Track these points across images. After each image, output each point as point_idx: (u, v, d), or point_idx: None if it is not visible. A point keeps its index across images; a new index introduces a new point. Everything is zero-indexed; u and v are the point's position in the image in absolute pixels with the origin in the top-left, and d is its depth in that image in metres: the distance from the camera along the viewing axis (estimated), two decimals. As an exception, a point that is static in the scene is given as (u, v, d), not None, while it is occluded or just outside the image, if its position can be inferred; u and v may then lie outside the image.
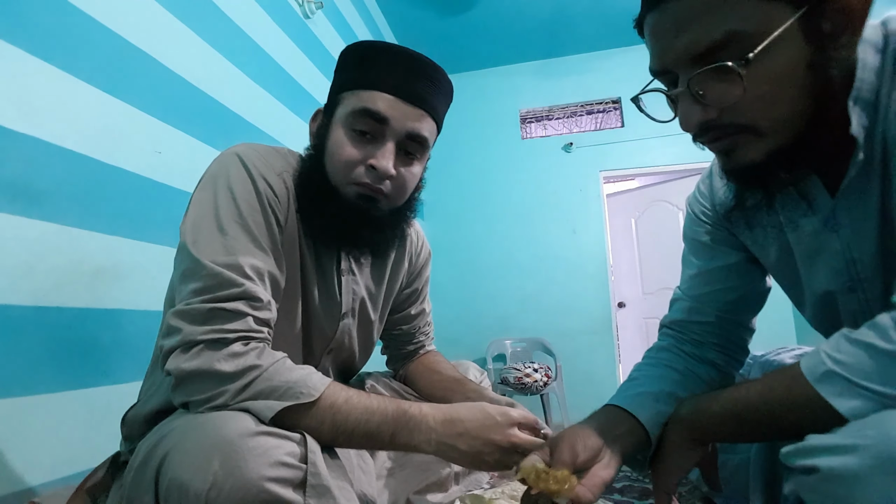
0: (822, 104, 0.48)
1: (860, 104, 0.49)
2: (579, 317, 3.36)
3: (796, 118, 0.49)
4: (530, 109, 3.74)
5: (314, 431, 0.53)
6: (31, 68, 0.92)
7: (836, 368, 0.46)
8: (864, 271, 0.59)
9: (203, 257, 0.57)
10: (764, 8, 0.45)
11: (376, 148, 0.66)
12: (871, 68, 0.49)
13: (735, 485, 0.74)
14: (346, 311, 0.78)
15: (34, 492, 0.84)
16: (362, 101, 0.65)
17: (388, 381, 0.95)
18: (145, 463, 0.49)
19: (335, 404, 0.55)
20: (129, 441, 0.68)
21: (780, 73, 0.47)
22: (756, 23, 0.45)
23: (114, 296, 1.05)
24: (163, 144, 1.23)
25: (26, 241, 0.88)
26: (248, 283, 0.57)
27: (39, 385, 0.89)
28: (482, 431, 0.58)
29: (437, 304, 3.67)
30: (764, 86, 0.47)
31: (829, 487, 0.43)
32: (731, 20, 0.46)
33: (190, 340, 0.53)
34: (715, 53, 0.47)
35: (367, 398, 0.58)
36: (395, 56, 0.67)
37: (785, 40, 0.46)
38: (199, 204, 0.62)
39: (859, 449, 0.41)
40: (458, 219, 3.65)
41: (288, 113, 1.86)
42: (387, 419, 0.57)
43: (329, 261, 0.76)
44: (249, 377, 0.52)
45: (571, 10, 3.14)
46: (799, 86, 0.47)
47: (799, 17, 0.45)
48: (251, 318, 0.56)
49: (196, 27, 1.38)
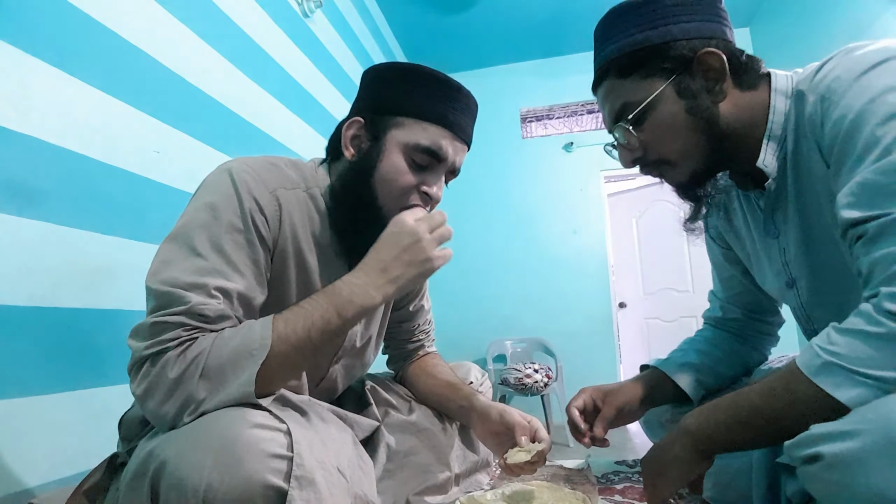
0: (714, 137, 0.65)
1: (773, 140, 0.64)
2: (580, 317, 3.36)
3: (695, 149, 0.66)
4: (531, 108, 3.73)
5: (288, 367, 0.55)
6: (30, 68, 0.91)
7: (831, 359, 0.48)
8: (795, 270, 0.72)
9: (153, 281, 0.56)
10: (643, 83, 0.66)
11: (431, 177, 0.72)
12: (780, 111, 0.64)
13: (737, 489, 0.74)
14: None
15: (32, 493, 0.84)
16: (428, 137, 0.69)
17: (389, 383, 0.95)
18: (142, 466, 0.49)
19: (282, 335, 0.55)
20: (126, 442, 0.67)
21: (664, 122, 0.66)
22: (640, 94, 0.66)
23: (111, 296, 1.05)
24: (161, 144, 1.22)
25: (24, 241, 0.88)
26: (199, 299, 0.55)
27: (37, 386, 0.88)
28: (393, 242, 0.62)
29: (437, 305, 3.65)
30: (655, 132, 0.67)
31: (832, 474, 0.43)
32: (623, 95, 0.68)
33: (137, 359, 0.54)
34: (620, 117, 0.69)
35: (298, 308, 0.59)
36: (450, 89, 0.72)
37: (662, 100, 0.65)
38: (181, 221, 0.62)
39: (861, 434, 0.41)
40: (458, 218, 3.64)
41: (287, 112, 1.86)
42: (325, 308, 0.58)
43: (338, 267, 0.75)
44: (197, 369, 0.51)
45: (571, 9, 3.13)
46: (685, 127, 0.65)
47: (669, 83, 0.64)
48: (190, 328, 0.55)
49: (194, 26, 1.38)
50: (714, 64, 0.63)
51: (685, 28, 0.64)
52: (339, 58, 2.38)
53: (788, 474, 0.51)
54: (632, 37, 0.66)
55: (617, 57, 0.67)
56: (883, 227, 0.48)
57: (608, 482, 0.88)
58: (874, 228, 0.49)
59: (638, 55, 0.65)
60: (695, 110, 0.64)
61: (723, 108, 0.64)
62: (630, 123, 0.67)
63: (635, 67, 0.66)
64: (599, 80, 0.72)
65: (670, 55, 0.64)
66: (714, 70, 0.63)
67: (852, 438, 0.42)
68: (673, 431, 0.63)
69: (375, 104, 0.72)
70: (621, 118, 0.68)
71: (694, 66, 0.63)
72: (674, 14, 0.64)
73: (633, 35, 0.66)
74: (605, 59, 0.70)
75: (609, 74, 0.70)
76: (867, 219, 0.49)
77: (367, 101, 0.73)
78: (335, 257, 0.74)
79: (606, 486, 0.86)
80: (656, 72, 0.65)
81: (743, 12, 3.29)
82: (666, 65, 0.64)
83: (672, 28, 0.64)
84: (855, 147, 0.52)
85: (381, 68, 0.75)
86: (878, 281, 0.48)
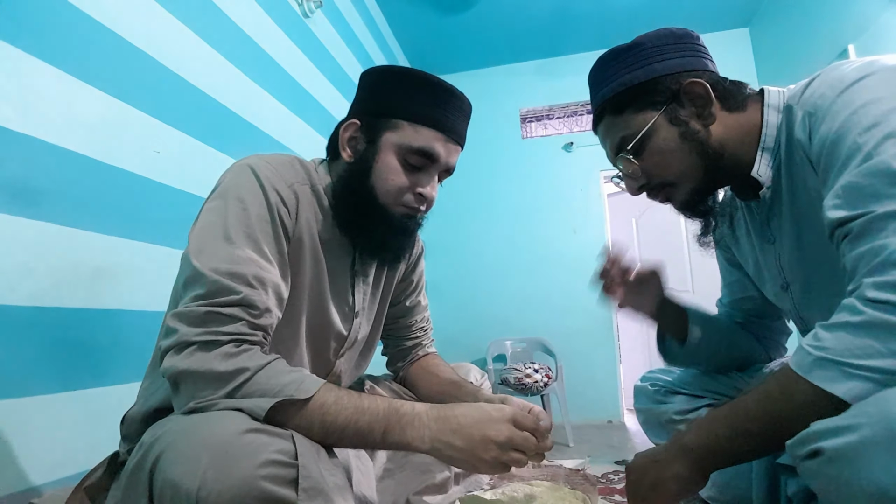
0: (710, 157, 0.71)
1: (766, 151, 0.70)
2: (580, 317, 3.35)
3: (692, 169, 0.73)
4: (530, 109, 3.73)
5: (304, 431, 0.53)
6: (30, 68, 0.91)
7: (822, 354, 0.49)
8: (789, 274, 0.76)
9: (204, 266, 0.57)
10: (636, 117, 0.73)
11: (424, 178, 0.73)
12: (772, 125, 0.69)
13: (736, 488, 0.74)
14: (359, 310, 0.81)
15: (33, 492, 0.84)
16: (420, 139, 0.71)
17: (388, 384, 0.95)
18: (139, 465, 0.49)
19: (325, 404, 0.55)
20: (127, 441, 0.68)
21: (660, 149, 0.73)
22: (635, 126, 0.74)
23: (112, 296, 1.05)
24: (161, 144, 1.23)
25: (24, 242, 0.88)
26: (248, 290, 0.58)
27: (38, 386, 0.88)
28: (478, 427, 0.57)
29: (437, 305, 3.68)
30: (654, 158, 0.74)
31: (833, 469, 0.43)
32: (620, 130, 0.76)
33: (184, 341, 0.54)
34: (620, 150, 0.76)
35: (357, 397, 0.58)
36: (445, 93, 0.73)
37: (656, 130, 0.72)
38: (209, 213, 0.64)
39: (861, 427, 0.42)
40: (458, 218, 3.65)
41: (287, 112, 1.86)
42: (378, 417, 0.57)
43: (344, 264, 0.78)
44: (241, 378, 0.53)
45: (571, 9, 3.13)
46: (681, 151, 0.72)
47: (661, 113, 0.72)
48: (246, 323, 0.57)
49: (194, 26, 1.38)
50: (699, 92, 0.70)
51: (668, 65, 0.72)
52: (338, 58, 2.38)
53: (789, 474, 0.51)
54: (621, 78, 0.74)
55: (610, 97, 0.75)
56: (866, 224, 0.51)
57: (608, 482, 0.88)
58: (858, 226, 0.52)
59: (628, 93, 0.73)
60: (687, 135, 0.71)
61: (714, 129, 0.71)
62: (630, 153, 0.74)
63: (628, 104, 0.74)
64: (598, 119, 0.80)
65: (658, 89, 0.72)
66: (700, 97, 0.71)
67: (852, 432, 0.42)
68: (669, 447, 0.63)
69: (371, 107, 0.75)
70: (621, 150, 0.75)
71: (682, 96, 0.71)
72: (656, 54, 0.72)
73: (622, 76, 0.74)
74: (601, 101, 0.77)
75: (605, 113, 0.77)
76: (851, 218, 0.52)
77: (363, 104, 0.76)
78: (338, 251, 0.77)
79: (606, 486, 0.86)
80: (647, 105, 0.72)
81: (742, 12, 3.29)
82: (656, 98, 0.72)
83: (656, 66, 0.72)
84: (840, 155, 0.56)
85: (376, 71, 0.77)
86: (862, 273, 0.51)
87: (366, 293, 0.83)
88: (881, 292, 0.46)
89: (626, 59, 0.74)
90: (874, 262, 0.49)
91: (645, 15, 3.20)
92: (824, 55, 2.54)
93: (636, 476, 0.66)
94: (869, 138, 0.53)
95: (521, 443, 0.58)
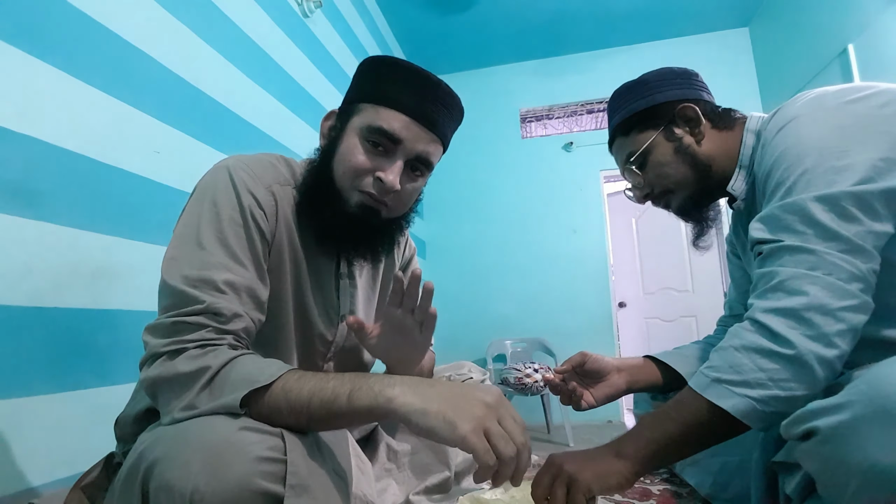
0: (700, 168, 0.84)
1: (742, 169, 0.82)
2: (580, 317, 3.36)
3: (686, 179, 0.86)
4: (530, 108, 3.74)
5: (276, 417, 0.51)
6: (30, 68, 0.91)
7: (712, 375, 0.60)
8: None
9: (173, 277, 0.58)
10: (640, 136, 0.88)
11: (386, 162, 0.69)
12: (748, 146, 0.80)
13: (735, 487, 0.74)
14: (345, 314, 0.78)
15: (33, 492, 0.84)
16: (380, 119, 0.68)
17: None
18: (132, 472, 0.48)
19: (287, 384, 0.52)
20: (121, 442, 0.68)
21: (659, 161, 0.87)
22: (639, 144, 0.88)
23: (112, 296, 1.05)
24: (161, 144, 1.23)
25: (25, 242, 0.88)
26: (214, 297, 0.57)
27: (37, 386, 0.88)
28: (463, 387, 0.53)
29: (437, 305, 3.63)
30: (655, 170, 0.88)
31: (827, 448, 0.44)
32: (627, 147, 0.90)
33: (153, 353, 0.55)
34: (627, 164, 0.90)
35: (324, 374, 0.54)
36: (416, 78, 0.70)
37: (656, 146, 0.87)
38: (184, 217, 0.64)
39: (853, 405, 0.43)
40: (458, 218, 3.65)
41: (287, 112, 1.86)
42: (343, 381, 0.52)
43: (327, 266, 0.77)
44: (206, 376, 0.52)
45: (571, 9, 3.13)
46: (676, 163, 0.86)
47: (659, 132, 0.86)
48: (212, 329, 0.56)
49: (194, 26, 1.38)
50: (690, 115, 0.84)
51: (667, 94, 0.87)
52: (338, 58, 2.38)
53: (786, 472, 0.52)
54: (629, 106, 0.89)
55: (620, 122, 0.90)
56: (773, 251, 0.62)
57: (608, 481, 0.88)
58: (767, 250, 0.63)
59: (633, 118, 0.88)
60: (680, 149, 0.85)
61: (704, 145, 0.84)
62: (634, 165, 0.89)
63: (633, 126, 0.89)
64: (612, 140, 0.95)
65: (658, 114, 0.87)
66: (691, 119, 0.85)
67: (845, 410, 0.43)
68: (604, 452, 0.65)
69: (348, 96, 0.74)
70: (628, 163, 0.90)
71: (677, 118, 0.85)
72: (658, 87, 0.88)
73: (630, 105, 0.89)
74: (614, 125, 0.93)
75: (617, 135, 0.92)
76: (765, 240, 0.63)
77: (346, 94, 0.75)
78: (322, 252, 0.75)
79: (606, 486, 0.86)
80: (649, 126, 0.87)
81: (742, 12, 3.29)
82: (656, 121, 0.87)
83: (657, 96, 0.87)
84: (770, 185, 0.67)
85: (362, 62, 0.75)
86: (756, 294, 0.62)
87: (354, 296, 0.80)
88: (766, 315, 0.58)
89: (633, 92, 0.90)
90: (768, 285, 0.60)
91: (645, 15, 3.20)
92: (824, 55, 2.54)
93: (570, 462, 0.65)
94: (789, 175, 0.63)
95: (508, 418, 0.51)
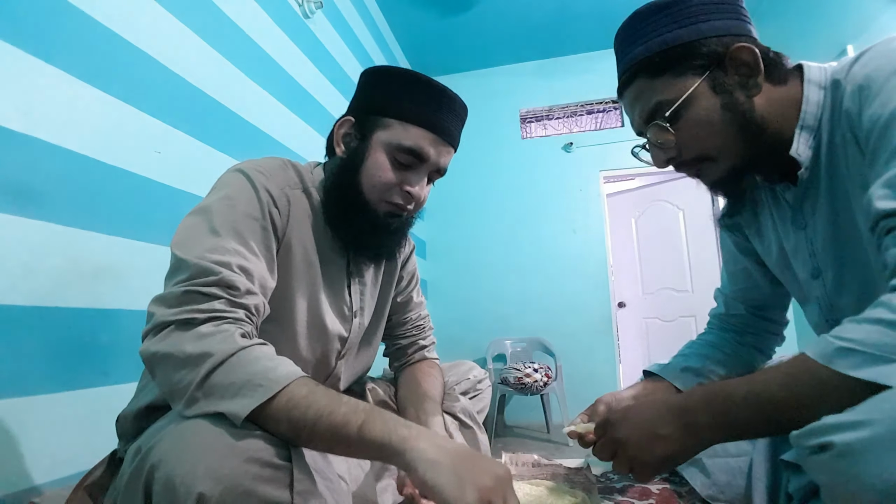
0: (751, 131, 0.64)
1: (805, 130, 0.64)
2: (579, 317, 3.36)
3: (734, 144, 0.65)
4: (530, 109, 3.74)
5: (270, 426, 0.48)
6: (30, 68, 0.91)
7: (846, 345, 0.47)
8: (821, 261, 0.71)
9: (187, 254, 0.57)
10: (676, 81, 0.65)
11: (412, 175, 0.73)
12: (813, 102, 0.63)
13: (736, 487, 0.74)
14: (357, 311, 0.81)
15: (33, 492, 0.84)
16: (409, 138, 0.71)
17: (388, 386, 0.95)
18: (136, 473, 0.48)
19: (293, 398, 0.49)
20: (123, 439, 0.68)
21: (700, 119, 0.65)
22: (674, 92, 0.65)
23: (113, 296, 1.05)
24: (162, 144, 1.23)
25: (26, 242, 0.88)
26: (227, 272, 0.57)
27: (39, 385, 0.88)
28: (476, 456, 0.51)
29: (437, 305, 3.68)
30: (692, 129, 0.66)
31: (841, 463, 0.42)
32: (657, 94, 0.67)
33: (161, 322, 0.53)
34: (653, 116, 0.68)
35: (336, 393, 0.52)
36: (436, 93, 0.74)
37: (697, 97, 0.64)
38: (195, 212, 0.64)
39: (874, 423, 0.41)
40: (458, 218, 3.65)
41: (287, 112, 1.86)
42: (356, 409, 0.50)
43: (339, 266, 0.79)
44: (208, 364, 0.49)
45: (571, 9, 3.13)
46: (722, 122, 0.64)
47: (704, 79, 0.64)
48: (225, 300, 0.55)
49: (195, 27, 1.38)
50: (747, 59, 0.63)
51: (715, 25, 0.64)
52: (339, 58, 2.38)
53: (792, 471, 0.51)
54: (661, 36, 0.65)
55: (647, 57, 0.66)
56: None
57: (608, 482, 0.88)
58: None
59: (669, 54, 0.65)
60: (731, 105, 0.64)
61: (757, 102, 0.64)
62: (666, 121, 0.66)
63: (667, 66, 0.65)
64: (628, 82, 0.70)
65: (703, 52, 0.63)
66: (747, 65, 0.63)
67: (864, 428, 0.41)
68: (673, 422, 0.58)
69: (365, 105, 0.76)
70: (655, 117, 0.67)
71: (727, 62, 0.63)
72: (702, 13, 0.64)
73: (662, 34, 0.65)
74: (633, 61, 0.68)
75: (639, 75, 0.68)
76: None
77: (359, 102, 0.77)
78: (331, 252, 0.77)
79: (606, 486, 0.86)
80: (689, 69, 0.64)
81: (742, 13, 3.30)
82: (699, 62, 0.64)
83: (701, 26, 0.63)
84: (892, 140, 0.51)
85: (373, 71, 0.77)
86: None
87: (363, 292, 0.83)
88: None
89: (668, 15, 0.65)
90: None
91: (645, 15, 3.20)
92: (823, 55, 2.54)
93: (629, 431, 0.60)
94: None
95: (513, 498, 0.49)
